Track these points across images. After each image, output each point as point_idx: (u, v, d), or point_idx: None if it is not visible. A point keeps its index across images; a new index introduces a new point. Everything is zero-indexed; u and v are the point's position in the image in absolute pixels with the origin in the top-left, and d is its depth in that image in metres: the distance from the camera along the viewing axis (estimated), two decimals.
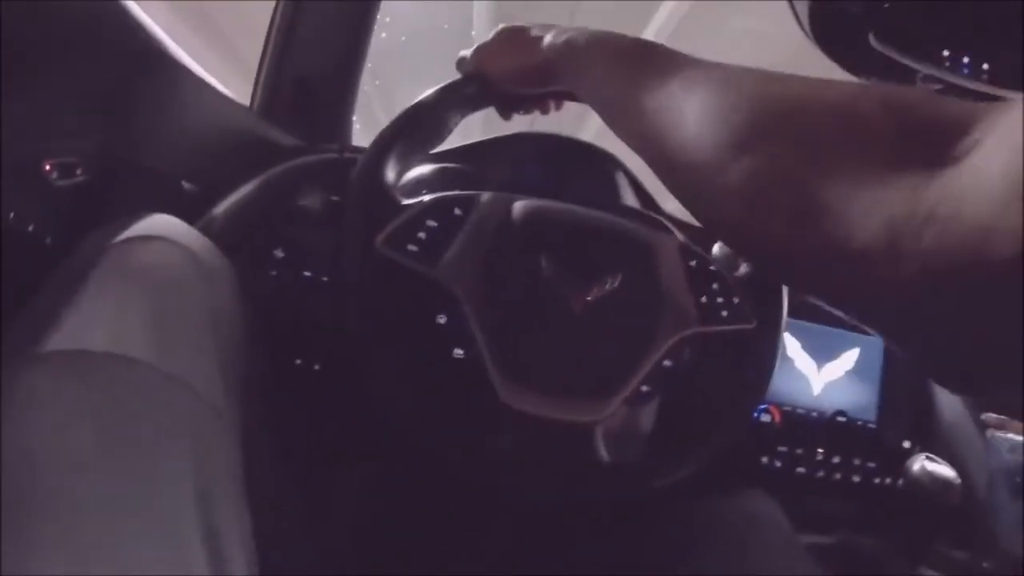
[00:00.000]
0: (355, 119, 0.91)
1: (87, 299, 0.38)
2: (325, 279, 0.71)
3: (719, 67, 0.37)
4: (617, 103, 0.44)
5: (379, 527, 0.81)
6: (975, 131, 0.24)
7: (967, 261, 0.22)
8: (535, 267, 0.57)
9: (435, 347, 0.56)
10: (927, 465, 0.77)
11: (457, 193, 0.60)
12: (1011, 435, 0.82)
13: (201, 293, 0.45)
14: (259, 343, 0.55)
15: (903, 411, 0.91)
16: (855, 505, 0.85)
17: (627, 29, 0.51)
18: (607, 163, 0.84)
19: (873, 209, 0.25)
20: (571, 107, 0.68)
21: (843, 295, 0.31)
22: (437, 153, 0.81)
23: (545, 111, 0.68)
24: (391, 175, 0.59)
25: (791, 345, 0.89)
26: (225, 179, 0.73)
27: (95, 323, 0.36)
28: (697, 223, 0.57)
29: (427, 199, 0.58)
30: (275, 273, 0.71)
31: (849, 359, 0.91)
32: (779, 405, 0.86)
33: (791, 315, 0.86)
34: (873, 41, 0.73)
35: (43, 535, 0.27)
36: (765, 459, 0.83)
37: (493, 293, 0.56)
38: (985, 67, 0.74)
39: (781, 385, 0.87)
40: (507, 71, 0.60)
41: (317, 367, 0.72)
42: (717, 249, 0.72)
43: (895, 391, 0.91)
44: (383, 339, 0.55)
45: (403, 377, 0.55)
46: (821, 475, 0.84)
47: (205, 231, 0.63)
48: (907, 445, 0.88)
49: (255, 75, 0.83)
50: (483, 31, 3.11)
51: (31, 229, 0.53)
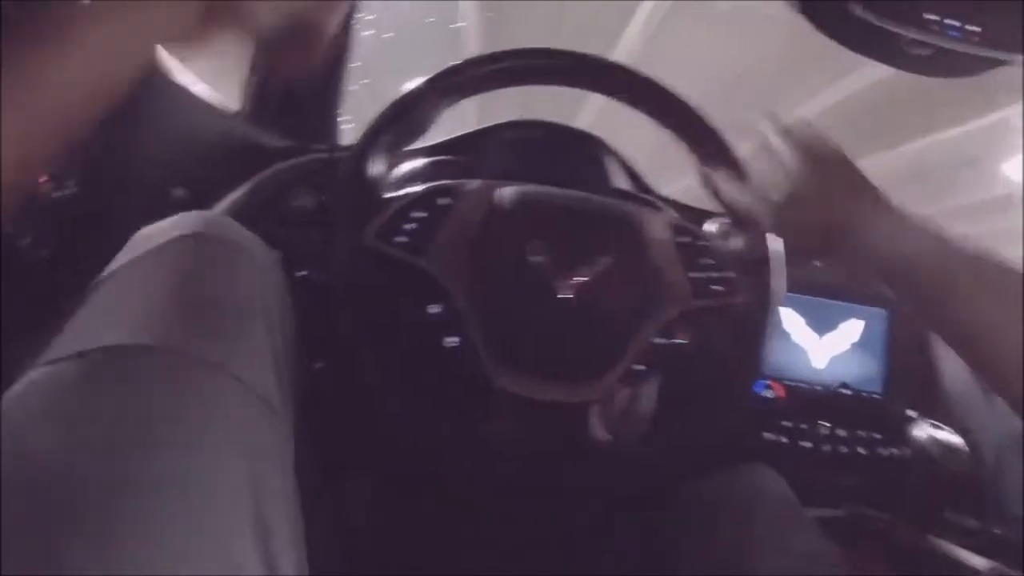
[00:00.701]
0: (350, 119, 0.92)
1: (135, 295, 0.39)
2: (320, 278, 0.72)
3: None
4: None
5: (387, 534, 0.83)
6: None
7: None
8: (523, 252, 0.58)
9: (428, 336, 0.57)
10: (933, 432, 0.78)
11: (442, 183, 0.61)
12: None
13: (254, 289, 0.45)
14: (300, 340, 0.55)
15: (908, 381, 0.92)
16: (862, 477, 0.86)
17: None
18: (597, 148, 0.85)
19: None
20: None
21: None
22: (429, 146, 0.82)
23: None
24: (377, 170, 0.60)
25: (794, 320, 0.89)
26: (216, 185, 0.74)
27: (145, 319, 0.37)
28: (689, 203, 0.58)
29: (413, 190, 0.59)
30: None
31: (853, 331, 0.91)
32: (782, 380, 0.86)
33: (795, 290, 0.87)
34: (856, 8, 0.74)
35: (92, 529, 0.28)
36: (770, 434, 0.84)
37: (482, 280, 0.57)
38: (976, 29, 0.74)
39: (784, 360, 0.88)
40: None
41: (318, 366, 0.74)
42: (709, 225, 0.73)
43: (900, 362, 0.92)
44: (375, 332, 0.56)
45: (398, 369, 0.56)
46: (827, 448, 0.85)
47: None
48: (913, 415, 0.88)
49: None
50: (468, 23, 3.11)
51: (28, 242, 0.54)
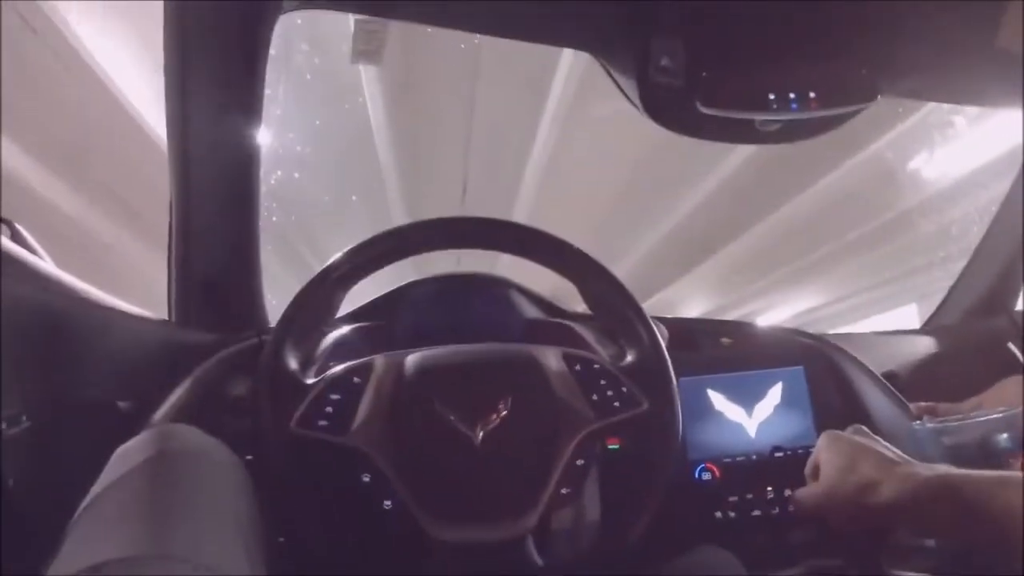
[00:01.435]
0: (278, 260, 0.99)
1: (128, 511, 0.46)
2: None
3: None
4: None
5: None
6: None
7: None
8: (433, 411, 0.64)
9: (365, 503, 0.63)
10: None
11: (352, 364, 0.67)
12: (935, 422, 0.88)
13: (218, 490, 0.52)
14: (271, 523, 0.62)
15: (838, 426, 0.98)
16: (815, 529, 0.91)
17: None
18: (501, 287, 0.93)
19: None
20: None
21: None
22: (348, 314, 0.89)
23: None
24: (293, 359, 0.67)
25: (717, 399, 0.95)
26: (157, 390, 0.78)
27: (139, 531, 0.43)
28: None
29: (327, 375, 0.65)
30: None
31: (775, 394, 0.97)
32: (717, 459, 0.91)
33: (713, 371, 0.94)
34: (701, 107, 0.84)
35: None
36: (718, 514, 0.89)
37: (403, 445, 0.63)
38: (812, 95, 0.85)
39: (716, 440, 0.93)
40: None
41: (281, 540, 0.77)
42: (596, 343, 0.80)
43: (827, 410, 0.97)
44: (313, 508, 0.61)
45: (342, 537, 0.61)
46: (776, 512, 0.90)
47: None
48: None
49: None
50: (383, 130, 3.24)
51: None
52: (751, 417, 0.96)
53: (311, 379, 0.66)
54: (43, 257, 0.70)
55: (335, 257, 0.70)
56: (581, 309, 0.93)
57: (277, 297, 0.98)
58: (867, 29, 0.79)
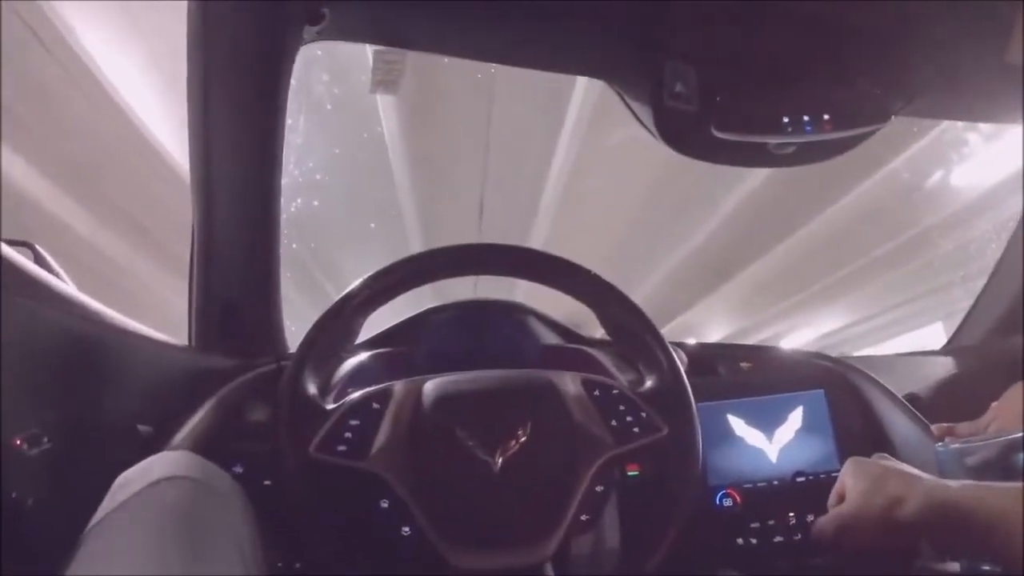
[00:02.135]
0: (295, 287, 1.00)
1: (128, 538, 0.48)
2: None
3: None
4: None
5: None
6: None
7: None
8: (453, 437, 0.65)
9: (383, 529, 0.63)
10: None
11: (371, 390, 0.68)
12: (957, 443, 0.88)
13: (222, 522, 0.54)
14: (276, 553, 0.65)
15: (860, 451, 0.97)
16: (838, 556, 0.90)
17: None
18: (519, 313, 0.94)
19: None
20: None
21: None
22: (367, 341, 0.91)
23: None
24: (312, 384, 0.68)
25: (737, 424, 0.95)
26: (177, 415, 0.79)
27: (140, 559, 0.46)
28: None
29: (346, 401, 0.66)
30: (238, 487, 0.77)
31: (796, 418, 0.97)
32: (738, 485, 0.91)
33: (728, 396, 0.94)
34: (715, 131, 0.85)
35: None
36: (740, 540, 0.88)
37: (421, 470, 0.63)
38: (826, 117, 0.86)
39: (738, 465, 0.92)
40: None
41: (298, 566, 0.78)
42: (615, 368, 0.81)
43: (848, 433, 0.97)
44: (332, 534, 0.62)
45: (360, 564, 0.61)
46: (799, 538, 0.89)
47: None
48: None
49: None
50: (400, 158, 3.29)
51: (14, 496, 0.58)
52: (772, 442, 0.95)
53: (330, 405, 0.67)
54: (65, 280, 0.72)
55: (355, 284, 0.71)
56: (599, 335, 0.93)
57: (295, 324, 0.99)
58: (880, 50, 0.80)
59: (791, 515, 0.90)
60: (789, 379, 0.99)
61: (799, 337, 6.55)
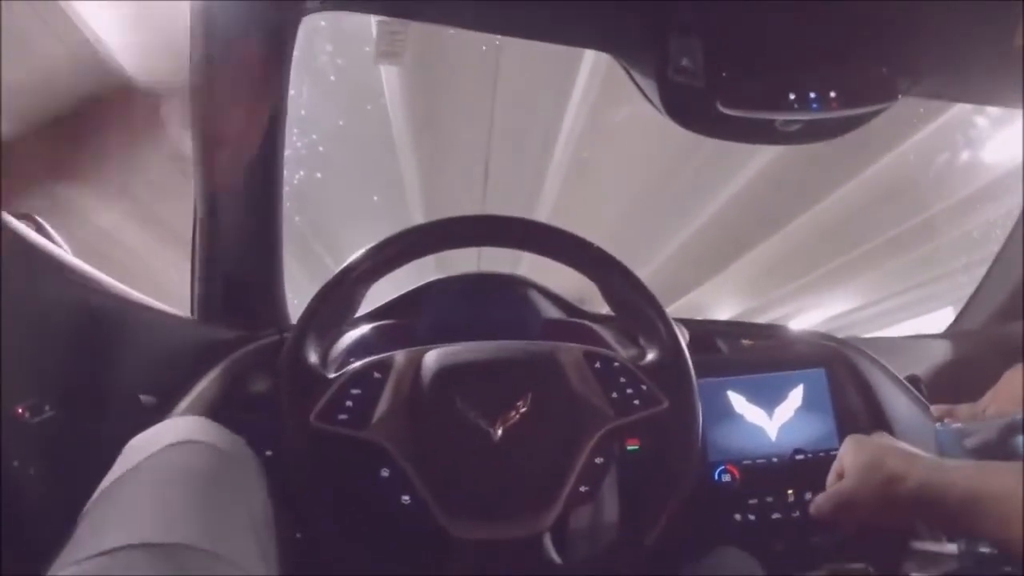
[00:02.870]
0: (296, 260, 1.02)
1: (140, 500, 0.49)
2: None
3: None
4: None
5: None
6: None
7: None
8: (453, 407, 0.66)
9: (384, 498, 0.64)
10: None
11: (372, 359, 0.69)
12: (958, 423, 0.89)
13: (232, 484, 0.55)
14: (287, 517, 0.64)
15: (860, 430, 0.99)
16: (836, 533, 0.91)
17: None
18: (521, 287, 0.95)
19: None
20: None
21: None
22: (368, 313, 0.92)
23: None
24: (314, 354, 0.69)
25: (737, 401, 0.96)
26: (179, 384, 0.81)
27: (153, 519, 0.47)
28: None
29: (347, 370, 0.68)
30: None
31: (796, 397, 0.98)
32: (737, 461, 0.93)
33: (729, 373, 0.95)
34: (721, 107, 0.85)
35: None
36: (738, 516, 0.90)
37: (422, 440, 0.64)
38: (832, 95, 0.86)
39: (737, 442, 0.94)
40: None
41: (298, 535, 0.80)
42: (617, 343, 0.82)
43: (848, 413, 0.98)
44: (332, 503, 0.63)
45: (360, 533, 0.63)
46: (797, 515, 0.91)
47: None
48: None
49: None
50: (404, 130, 3.27)
51: (16, 464, 0.60)
52: (772, 419, 0.97)
53: (332, 374, 0.68)
54: (66, 251, 0.73)
55: (355, 255, 0.72)
56: (605, 311, 0.94)
57: (297, 298, 1.01)
58: (888, 29, 0.80)
59: (789, 492, 0.92)
60: (790, 357, 1.00)
61: (807, 319, 6.54)
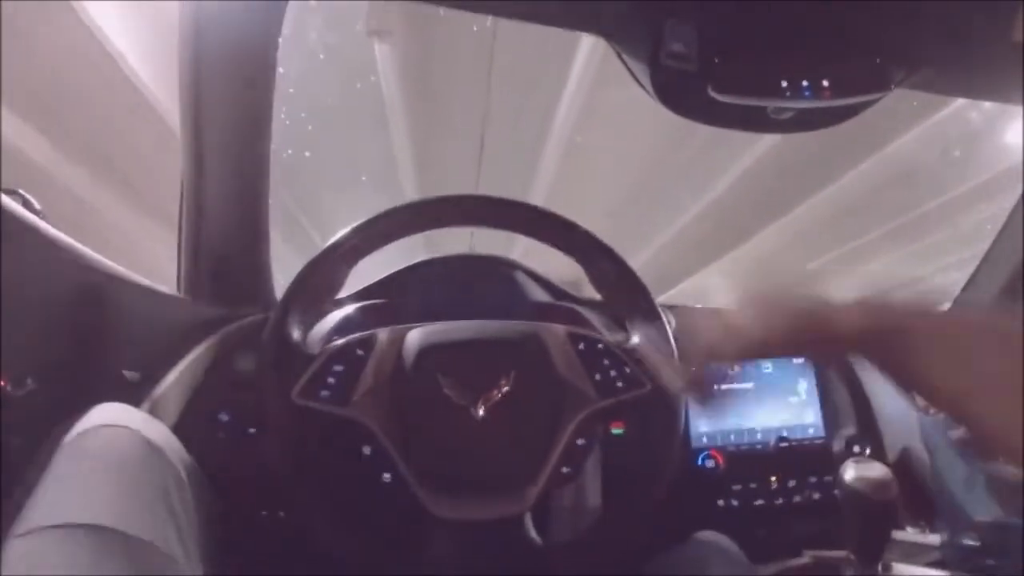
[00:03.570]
0: (283, 239, 1.03)
1: (63, 482, 0.54)
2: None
3: None
4: None
5: None
6: None
7: None
8: (436, 386, 0.68)
9: (365, 475, 0.67)
10: (857, 469, 0.85)
11: (355, 336, 0.71)
12: (943, 414, 0.91)
13: (151, 469, 0.59)
14: (212, 503, 0.67)
15: (845, 420, 1.02)
16: (819, 519, 0.95)
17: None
18: (508, 268, 0.97)
19: None
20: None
21: None
22: (354, 294, 0.94)
23: None
24: (297, 331, 0.71)
25: (723, 388, 1.00)
26: (162, 362, 0.83)
27: (72, 501, 0.51)
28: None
29: (330, 347, 0.69)
30: (222, 435, 0.82)
31: (782, 384, 1.02)
32: (721, 448, 0.96)
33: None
34: (713, 93, 0.87)
35: None
36: (721, 502, 0.94)
37: (403, 418, 0.67)
38: (825, 83, 0.87)
39: (722, 427, 0.97)
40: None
41: (282, 514, 0.82)
42: (603, 327, 0.84)
43: (833, 401, 1.02)
44: (315, 481, 0.65)
45: (340, 510, 0.65)
46: (780, 502, 0.94)
47: (153, 411, 0.75)
48: (856, 450, 0.98)
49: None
50: (397, 110, 3.27)
51: None
52: (757, 406, 1.00)
53: (314, 351, 0.70)
54: (51, 226, 0.75)
55: (342, 232, 0.74)
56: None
57: (284, 276, 1.02)
58: (883, 19, 0.81)
59: (773, 479, 0.96)
60: None
61: None
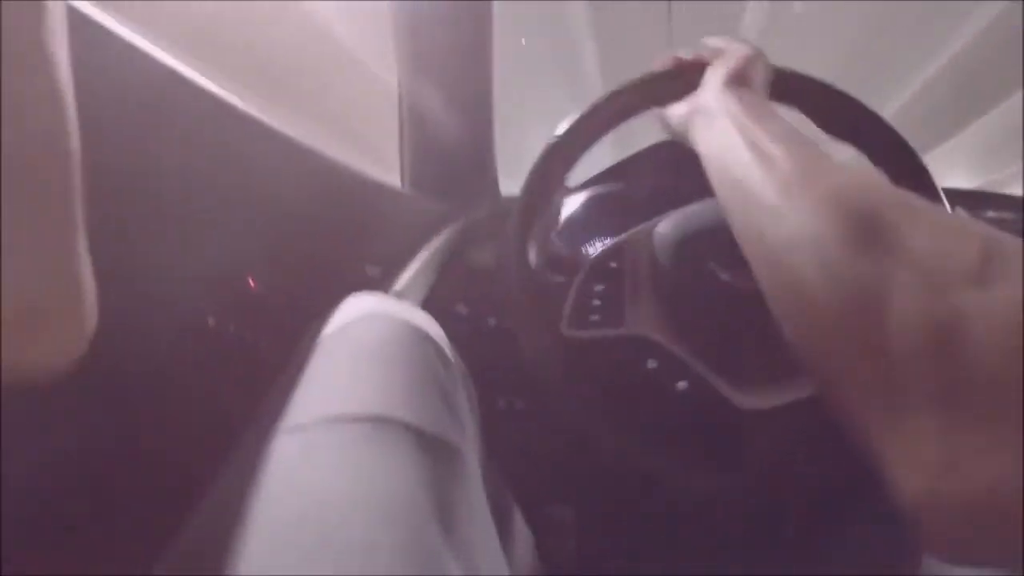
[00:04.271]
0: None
1: (334, 374, 0.50)
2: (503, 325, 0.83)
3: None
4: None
5: (593, 566, 0.92)
6: None
7: None
8: (708, 276, 0.63)
9: (655, 388, 0.64)
10: None
11: (601, 252, 0.68)
12: None
13: (425, 357, 0.54)
14: (472, 391, 0.64)
15: None
16: None
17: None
18: None
19: None
20: None
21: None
22: (591, 179, 0.91)
23: None
24: (538, 249, 0.67)
25: None
26: (399, 257, 0.87)
27: (350, 393, 0.47)
28: None
29: (584, 268, 0.66)
30: (463, 328, 0.84)
31: None
32: None
33: None
34: None
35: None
36: None
37: (684, 318, 0.63)
38: None
39: None
40: None
41: (520, 406, 0.86)
42: None
43: None
44: (599, 407, 0.62)
45: (632, 434, 0.62)
46: None
47: None
48: None
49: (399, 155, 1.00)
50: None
51: (232, 329, 0.66)
52: None
53: (558, 276, 0.68)
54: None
55: (566, 122, 0.67)
56: None
57: None
58: None
59: None
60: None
61: None
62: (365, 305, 0.57)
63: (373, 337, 0.53)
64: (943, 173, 5.32)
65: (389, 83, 0.96)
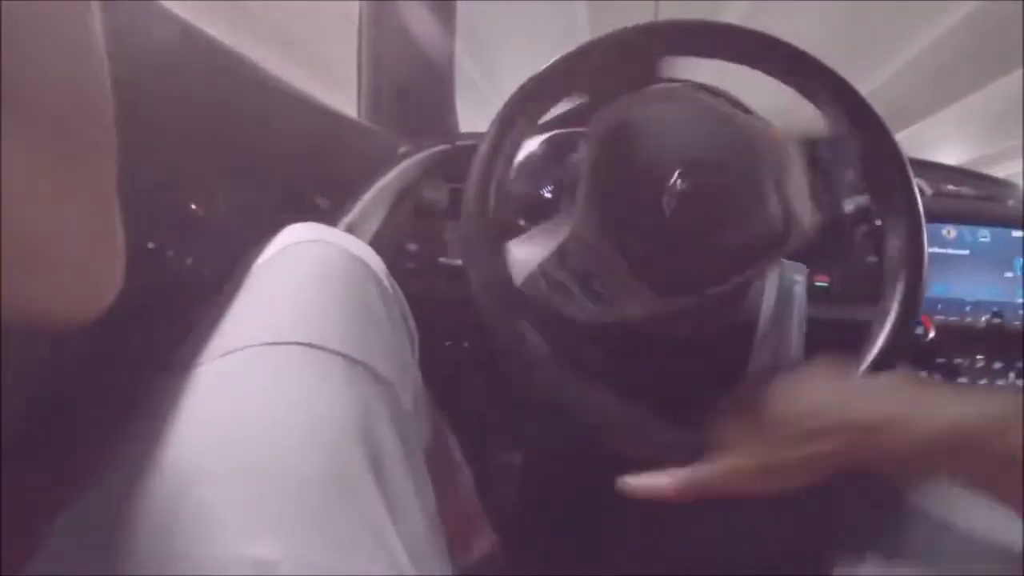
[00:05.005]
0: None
1: (264, 300, 0.49)
2: (459, 263, 0.84)
3: None
4: None
5: (536, 508, 0.97)
6: None
7: None
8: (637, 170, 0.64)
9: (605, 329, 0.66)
10: None
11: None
12: None
13: (360, 283, 0.54)
14: (411, 325, 0.64)
15: None
16: None
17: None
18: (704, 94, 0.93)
19: None
20: None
21: None
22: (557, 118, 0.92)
23: None
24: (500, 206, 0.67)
25: (937, 250, 0.95)
26: (348, 187, 0.88)
27: (279, 319, 0.47)
28: None
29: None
30: (412, 265, 0.87)
31: (1003, 258, 0.97)
32: (932, 314, 0.93)
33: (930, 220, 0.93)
34: None
35: (257, 507, 0.35)
36: (924, 374, 0.93)
37: (614, 215, 0.64)
38: None
39: (931, 293, 0.93)
40: None
41: (466, 345, 0.90)
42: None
43: None
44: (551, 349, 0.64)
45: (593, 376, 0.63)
46: (984, 383, 0.92)
47: None
48: None
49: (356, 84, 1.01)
50: None
51: (172, 254, 0.65)
52: (969, 276, 0.96)
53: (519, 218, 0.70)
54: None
55: (546, 67, 0.67)
56: None
57: None
58: None
59: (979, 358, 0.93)
60: (991, 213, 0.98)
61: None
62: (302, 233, 0.57)
63: (307, 263, 0.53)
64: (937, 145, 5.34)
65: (351, 8, 0.97)
